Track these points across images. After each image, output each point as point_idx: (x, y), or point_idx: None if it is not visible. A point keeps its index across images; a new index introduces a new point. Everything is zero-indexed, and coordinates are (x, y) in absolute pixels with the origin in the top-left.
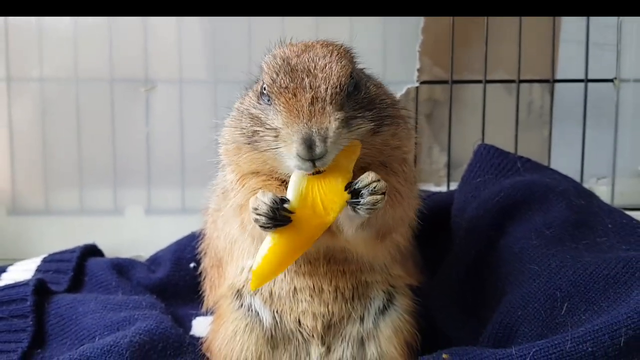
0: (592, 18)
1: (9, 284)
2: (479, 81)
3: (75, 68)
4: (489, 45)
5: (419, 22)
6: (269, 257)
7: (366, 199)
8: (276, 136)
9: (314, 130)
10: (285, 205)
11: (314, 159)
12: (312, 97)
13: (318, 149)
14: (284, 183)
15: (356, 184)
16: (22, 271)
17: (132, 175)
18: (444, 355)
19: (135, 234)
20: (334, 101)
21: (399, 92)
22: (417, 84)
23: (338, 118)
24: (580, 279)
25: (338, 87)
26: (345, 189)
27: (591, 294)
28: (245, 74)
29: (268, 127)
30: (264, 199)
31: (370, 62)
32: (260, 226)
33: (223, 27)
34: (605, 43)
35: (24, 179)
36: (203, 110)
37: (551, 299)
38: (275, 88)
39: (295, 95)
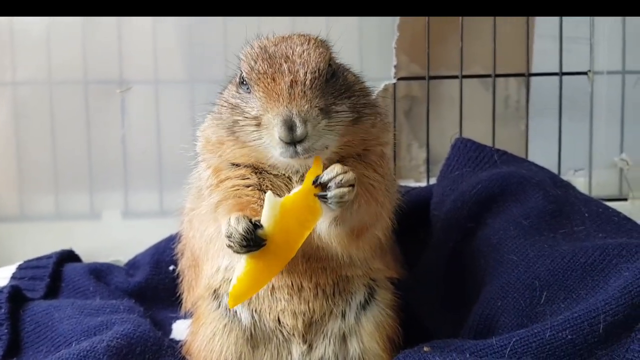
0: None
1: None
2: (456, 77)
3: (48, 70)
4: (465, 41)
5: (394, 19)
6: (244, 279)
7: (333, 191)
8: (257, 124)
9: (294, 112)
10: (259, 232)
11: (295, 142)
12: (292, 80)
13: (299, 130)
14: (260, 180)
15: (322, 177)
16: None
17: (109, 179)
18: (425, 349)
19: (113, 238)
20: (313, 85)
21: (376, 89)
22: (394, 81)
23: (317, 105)
24: (558, 268)
25: (317, 72)
26: (313, 183)
27: (569, 282)
28: (222, 73)
29: (248, 115)
30: (237, 227)
31: (347, 60)
32: (234, 252)
33: (199, 26)
34: (579, 37)
35: None
36: (180, 111)
37: (530, 289)
38: (254, 74)
39: (274, 79)
